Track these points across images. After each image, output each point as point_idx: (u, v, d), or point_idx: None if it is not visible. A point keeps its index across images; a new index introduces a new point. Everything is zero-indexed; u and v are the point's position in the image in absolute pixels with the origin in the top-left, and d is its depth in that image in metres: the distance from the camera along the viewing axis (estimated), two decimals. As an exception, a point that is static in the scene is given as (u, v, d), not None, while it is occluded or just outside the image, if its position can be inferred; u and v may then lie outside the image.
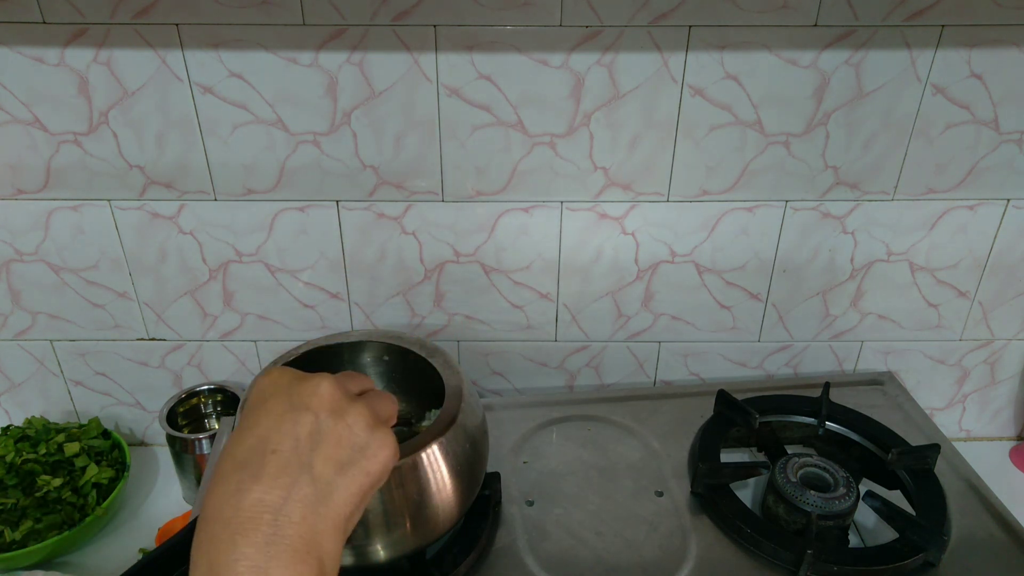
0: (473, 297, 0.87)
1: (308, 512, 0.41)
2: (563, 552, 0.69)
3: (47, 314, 0.87)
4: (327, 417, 0.44)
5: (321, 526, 0.41)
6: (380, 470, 0.45)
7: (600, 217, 0.82)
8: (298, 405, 0.44)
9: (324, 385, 0.45)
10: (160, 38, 0.72)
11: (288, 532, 0.39)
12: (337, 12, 0.71)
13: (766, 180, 0.80)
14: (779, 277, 0.86)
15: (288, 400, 0.44)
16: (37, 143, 0.77)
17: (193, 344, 0.90)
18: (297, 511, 0.40)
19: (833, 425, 0.82)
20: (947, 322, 0.90)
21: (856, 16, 0.72)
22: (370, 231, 0.83)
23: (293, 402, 0.44)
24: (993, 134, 0.78)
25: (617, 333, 0.90)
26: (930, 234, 0.84)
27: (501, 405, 0.88)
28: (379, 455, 0.45)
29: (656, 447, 0.81)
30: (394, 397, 0.52)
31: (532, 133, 0.77)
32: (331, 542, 0.42)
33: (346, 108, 0.76)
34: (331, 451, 0.43)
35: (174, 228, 0.82)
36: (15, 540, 0.75)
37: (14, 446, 0.83)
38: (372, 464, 0.45)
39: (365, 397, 0.48)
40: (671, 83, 0.75)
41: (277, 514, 0.40)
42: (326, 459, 0.43)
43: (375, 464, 0.45)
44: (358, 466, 0.44)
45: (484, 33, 0.72)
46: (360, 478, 0.44)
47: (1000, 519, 0.72)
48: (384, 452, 0.45)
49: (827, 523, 0.69)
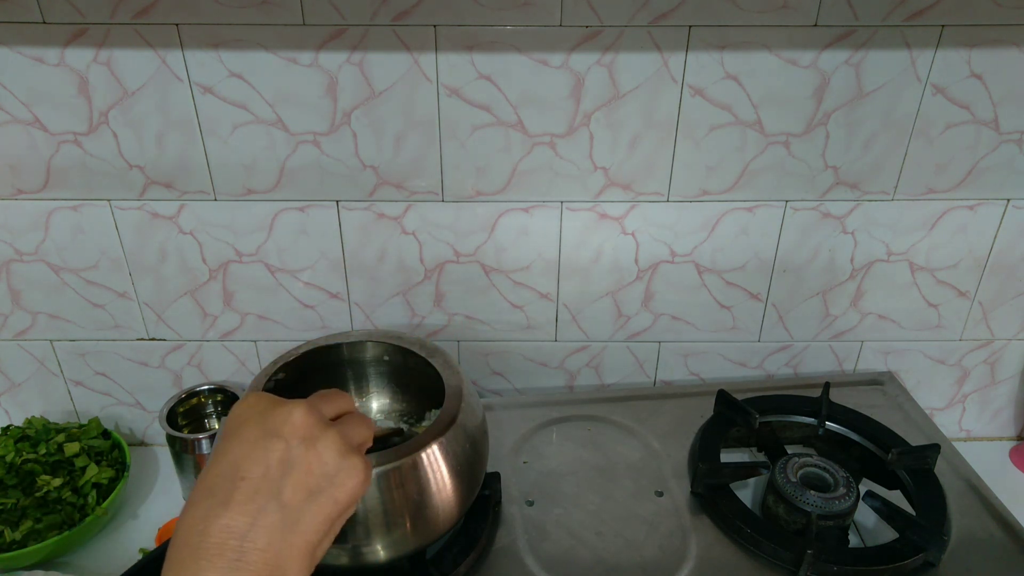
0: (473, 297, 0.87)
1: (274, 539, 0.41)
2: (563, 552, 0.69)
3: (47, 314, 0.87)
4: (298, 445, 0.44)
5: (287, 553, 0.42)
6: (349, 498, 0.46)
7: (600, 217, 0.82)
8: (270, 432, 0.45)
9: (297, 412, 0.45)
10: (160, 38, 0.72)
11: (253, 559, 0.40)
12: (337, 12, 0.71)
13: (766, 180, 0.80)
14: (779, 277, 0.86)
15: (261, 427, 0.45)
16: (37, 143, 0.77)
17: (193, 344, 0.90)
18: (263, 538, 0.41)
19: (833, 425, 0.82)
20: (947, 322, 0.90)
21: (856, 16, 0.72)
22: (370, 231, 0.83)
23: (266, 429, 0.45)
24: (993, 134, 0.78)
25: (617, 333, 0.90)
26: (930, 234, 0.84)
27: (501, 405, 0.88)
28: (348, 484, 0.46)
29: (656, 447, 0.81)
30: (371, 420, 0.53)
31: (532, 133, 0.77)
32: (296, 570, 0.42)
33: (346, 108, 0.76)
34: (301, 479, 0.44)
35: (174, 228, 0.82)
36: (15, 540, 0.75)
37: (14, 446, 0.83)
38: (341, 492, 0.45)
39: (340, 423, 0.49)
40: (671, 83, 0.75)
41: (243, 540, 0.41)
42: (295, 487, 0.43)
43: (344, 492, 0.45)
44: (327, 494, 0.45)
45: (484, 33, 0.72)
46: (328, 506, 0.45)
47: (1000, 519, 0.72)
48: (353, 481, 0.46)
49: (827, 523, 0.69)
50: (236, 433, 0.45)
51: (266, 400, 0.47)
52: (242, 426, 0.46)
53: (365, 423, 0.51)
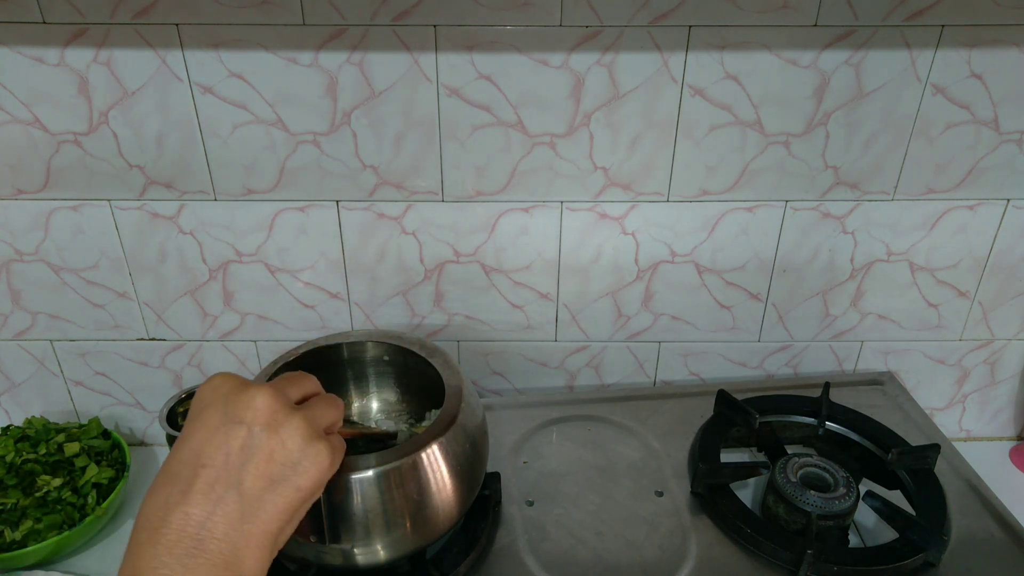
0: (473, 297, 0.87)
1: (231, 528, 0.42)
2: (563, 552, 0.69)
3: (47, 314, 0.87)
4: (261, 431, 0.44)
5: (244, 542, 0.42)
6: (312, 485, 0.46)
7: (600, 217, 0.82)
8: (232, 418, 0.44)
9: (260, 397, 0.45)
10: (160, 38, 0.72)
11: (210, 547, 0.41)
12: (337, 12, 0.71)
13: (766, 180, 0.80)
14: (779, 277, 0.86)
15: (224, 412, 0.45)
16: (37, 143, 0.77)
17: (193, 344, 0.90)
18: (220, 527, 0.41)
19: (833, 425, 0.82)
20: (947, 322, 0.90)
21: (856, 16, 0.72)
22: (370, 231, 0.83)
23: (228, 414, 0.45)
24: (993, 134, 0.78)
25: (617, 333, 0.90)
26: (930, 234, 0.84)
27: (501, 405, 0.88)
28: (311, 471, 0.45)
29: (656, 447, 0.81)
30: (340, 402, 0.52)
31: (532, 133, 0.77)
32: (254, 559, 0.42)
33: (346, 108, 0.76)
34: (262, 467, 0.44)
35: (174, 228, 0.82)
36: (15, 540, 0.75)
37: (14, 446, 0.83)
38: (303, 480, 0.45)
39: (306, 406, 0.48)
40: (671, 83, 0.75)
41: (200, 529, 0.41)
42: (256, 475, 0.43)
43: (306, 480, 0.45)
44: (289, 482, 0.44)
45: (484, 33, 0.72)
46: (290, 493, 0.44)
47: (1000, 519, 0.72)
48: (316, 468, 0.45)
49: (827, 523, 0.69)
50: (199, 417, 0.45)
51: (230, 383, 0.46)
52: (205, 410, 0.45)
53: (333, 404, 0.51)
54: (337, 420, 0.51)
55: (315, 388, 0.52)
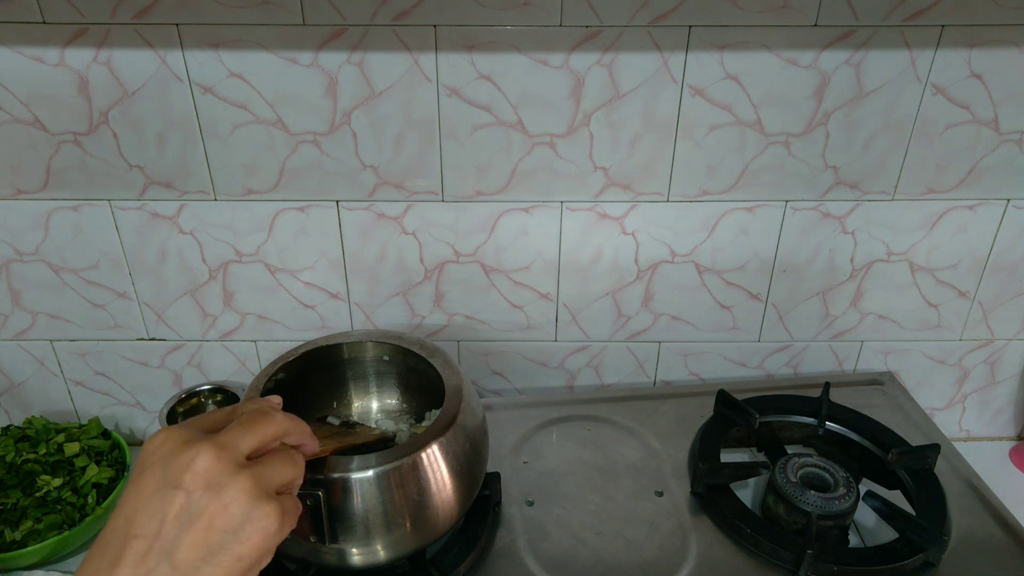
0: (473, 297, 0.87)
1: None
2: (563, 552, 0.69)
3: (47, 314, 0.87)
4: (201, 495, 0.41)
5: None
6: (256, 553, 0.42)
7: (600, 217, 0.82)
8: (170, 482, 0.41)
9: (202, 457, 0.42)
10: (160, 38, 0.72)
11: None
12: (337, 12, 0.71)
13: (766, 180, 0.80)
14: (779, 277, 0.86)
15: (162, 475, 0.42)
16: (37, 143, 0.77)
17: (193, 344, 0.90)
18: None
19: (833, 425, 0.82)
20: (947, 322, 0.90)
21: (856, 16, 0.72)
22: (370, 231, 0.83)
23: (166, 478, 0.41)
24: (993, 134, 0.78)
25: (617, 333, 0.90)
26: (930, 234, 0.84)
27: (501, 405, 0.88)
28: (254, 537, 0.42)
29: (656, 447, 0.81)
30: (300, 457, 0.48)
31: (532, 133, 0.77)
32: None
33: (346, 108, 0.76)
34: (199, 536, 0.41)
35: (174, 228, 0.82)
36: (15, 540, 0.75)
37: (14, 446, 0.83)
38: (245, 547, 0.42)
39: (257, 463, 0.44)
40: (671, 83, 0.75)
41: None
42: (191, 545, 0.41)
43: (248, 547, 0.42)
44: (228, 551, 0.41)
45: (484, 33, 0.72)
46: (230, 563, 0.41)
47: (1000, 519, 0.72)
48: (260, 534, 0.42)
49: (827, 523, 0.69)
50: (138, 480, 0.42)
51: (173, 440, 0.43)
52: (143, 474, 0.42)
53: (290, 461, 0.47)
54: (295, 479, 0.47)
55: (276, 432, 0.47)
